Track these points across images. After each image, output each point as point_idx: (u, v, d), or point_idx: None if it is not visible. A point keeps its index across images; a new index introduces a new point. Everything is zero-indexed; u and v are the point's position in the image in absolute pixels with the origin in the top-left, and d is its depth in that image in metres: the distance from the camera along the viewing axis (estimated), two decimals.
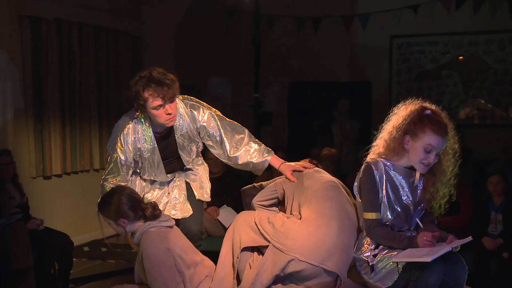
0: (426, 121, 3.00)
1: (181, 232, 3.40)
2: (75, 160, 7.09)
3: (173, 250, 3.17)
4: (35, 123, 6.53)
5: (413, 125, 3.02)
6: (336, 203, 3.18)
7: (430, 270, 2.75)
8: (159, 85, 3.38)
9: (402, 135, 3.05)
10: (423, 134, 2.99)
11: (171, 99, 3.44)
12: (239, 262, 3.20)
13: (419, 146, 3.00)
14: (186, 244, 3.33)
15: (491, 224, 5.00)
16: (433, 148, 2.98)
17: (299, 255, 3.01)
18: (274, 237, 3.10)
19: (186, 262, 3.20)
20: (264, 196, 3.48)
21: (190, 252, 3.30)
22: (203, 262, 3.33)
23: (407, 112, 3.08)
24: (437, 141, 2.97)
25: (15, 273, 4.81)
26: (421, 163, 3.02)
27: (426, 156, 3.00)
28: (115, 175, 3.66)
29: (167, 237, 3.20)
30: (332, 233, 3.06)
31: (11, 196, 5.35)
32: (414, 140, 3.01)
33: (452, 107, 7.89)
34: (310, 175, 3.35)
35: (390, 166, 3.10)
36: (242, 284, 3.11)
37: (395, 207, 3.07)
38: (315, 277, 3.04)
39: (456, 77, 8.27)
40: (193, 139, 3.70)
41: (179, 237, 3.31)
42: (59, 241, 5.40)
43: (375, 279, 3.00)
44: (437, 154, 3.01)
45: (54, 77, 6.70)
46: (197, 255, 3.35)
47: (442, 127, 2.99)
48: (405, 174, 3.10)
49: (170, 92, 3.40)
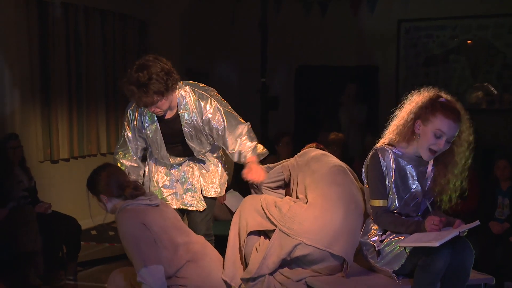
0: (438, 106, 2.98)
1: (168, 213, 3.27)
2: (82, 145, 7.11)
3: (149, 227, 3.08)
4: (42, 107, 6.54)
5: (424, 109, 3.01)
6: (342, 187, 3.18)
7: (437, 254, 2.75)
8: (139, 93, 3.27)
9: (413, 120, 3.04)
10: (433, 118, 2.97)
11: (152, 103, 3.33)
12: (245, 246, 3.21)
13: (429, 131, 2.98)
14: (168, 224, 3.19)
15: (498, 208, 5.00)
16: (443, 133, 2.95)
17: (306, 239, 3.01)
18: (281, 221, 3.10)
19: (163, 242, 3.09)
20: (271, 178, 3.48)
21: (172, 233, 3.16)
22: (187, 245, 3.19)
23: (421, 98, 3.07)
24: (448, 125, 2.95)
25: (24, 256, 4.85)
26: (429, 149, 3.00)
27: (436, 141, 2.97)
28: (124, 149, 3.70)
29: (144, 214, 3.13)
30: (338, 218, 3.06)
31: (19, 180, 5.37)
32: (425, 124, 2.99)
33: (460, 92, 7.84)
34: (317, 158, 3.34)
35: (400, 155, 3.08)
36: (248, 267, 3.12)
37: (403, 196, 3.07)
38: (321, 261, 3.05)
39: (464, 61, 8.21)
40: (199, 129, 3.56)
41: (161, 217, 3.19)
42: (67, 225, 5.43)
43: (382, 263, 3.00)
44: (448, 142, 2.99)
45: (61, 61, 6.70)
46: (182, 237, 3.20)
47: (455, 113, 2.97)
48: (415, 163, 3.09)
49: (149, 99, 3.28)
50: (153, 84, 3.24)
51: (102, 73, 7.38)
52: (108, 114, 7.50)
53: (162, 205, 3.33)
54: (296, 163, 3.40)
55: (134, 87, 3.26)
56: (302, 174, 3.29)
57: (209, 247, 3.35)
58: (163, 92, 3.29)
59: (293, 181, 3.36)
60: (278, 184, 3.50)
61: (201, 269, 3.17)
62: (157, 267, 3.00)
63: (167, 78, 3.30)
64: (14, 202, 5.17)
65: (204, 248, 3.28)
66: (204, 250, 3.26)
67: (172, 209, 3.44)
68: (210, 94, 3.58)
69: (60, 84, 6.73)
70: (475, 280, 3.01)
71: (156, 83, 3.25)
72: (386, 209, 3.06)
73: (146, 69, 3.26)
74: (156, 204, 3.23)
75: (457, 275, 2.87)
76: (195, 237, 3.34)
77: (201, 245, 3.28)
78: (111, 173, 3.27)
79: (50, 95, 6.60)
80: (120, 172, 3.37)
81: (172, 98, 3.45)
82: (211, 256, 3.28)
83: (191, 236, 3.30)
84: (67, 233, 5.40)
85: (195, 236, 3.35)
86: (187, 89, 3.55)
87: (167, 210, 3.32)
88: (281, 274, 3.10)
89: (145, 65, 3.29)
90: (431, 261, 2.76)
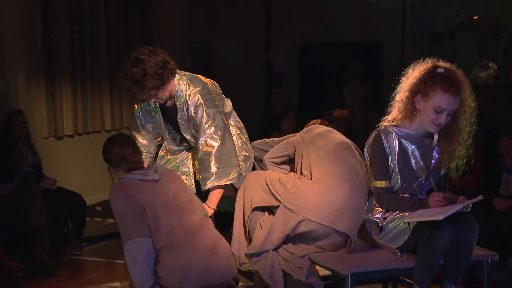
0: (437, 80, 2.96)
1: (166, 190, 3.18)
2: (86, 121, 7.12)
3: (136, 201, 3.07)
4: (46, 84, 6.54)
5: (424, 84, 2.98)
6: (347, 164, 3.18)
7: (440, 230, 2.76)
8: (134, 89, 3.29)
9: (413, 95, 3.02)
10: (433, 93, 2.95)
11: (149, 98, 3.35)
12: (249, 221, 3.22)
13: (429, 107, 2.97)
14: (158, 201, 3.11)
15: (502, 185, 5.00)
16: (443, 109, 2.94)
17: (310, 216, 3.02)
18: (285, 198, 3.11)
19: (147, 218, 3.07)
20: (276, 153, 3.47)
21: (158, 211, 3.09)
22: (170, 229, 3.09)
23: (419, 71, 3.04)
24: (448, 101, 2.93)
25: (30, 231, 4.88)
26: (432, 123, 3.00)
27: (437, 117, 2.97)
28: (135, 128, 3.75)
29: (132, 188, 3.11)
30: (343, 194, 3.06)
31: (24, 156, 5.39)
32: (425, 100, 2.98)
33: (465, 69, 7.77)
34: (322, 135, 3.34)
35: (403, 135, 3.07)
36: (252, 243, 3.13)
37: (406, 177, 3.07)
38: (325, 237, 3.06)
39: (469, 38, 8.14)
40: (191, 123, 3.51)
41: (153, 193, 3.13)
42: (72, 201, 5.46)
43: (385, 239, 3.01)
44: (449, 115, 2.98)
45: (64, 37, 6.68)
46: (170, 217, 3.11)
47: (454, 85, 2.95)
48: (418, 143, 3.08)
49: (145, 94, 3.30)
50: (148, 81, 3.25)
51: (105, 50, 7.36)
52: (112, 91, 7.49)
53: (166, 180, 3.25)
54: (301, 139, 3.39)
55: (130, 83, 3.29)
56: (306, 150, 3.29)
57: (198, 234, 3.17)
58: (158, 86, 3.30)
59: (298, 157, 3.36)
60: (282, 160, 3.49)
61: (175, 260, 3.07)
62: (144, 239, 3.02)
63: (162, 72, 3.29)
64: (19, 178, 5.19)
65: (188, 235, 3.13)
66: (188, 237, 3.11)
67: (178, 186, 3.29)
68: (204, 99, 3.45)
69: (64, 60, 6.72)
70: (478, 256, 3.03)
71: (151, 79, 3.25)
72: (389, 190, 3.07)
73: (140, 63, 3.28)
74: (153, 179, 3.18)
75: (460, 251, 2.88)
76: (190, 220, 3.19)
77: (185, 232, 3.13)
78: (116, 145, 3.28)
79: (54, 72, 6.59)
80: (126, 144, 3.31)
81: (171, 87, 3.44)
82: (196, 244, 3.12)
83: (183, 218, 3.16)
84: (72, 209, 5.43)
85: (191, 219, 3.19)
86: (185, 81, 3.50)
87: (167, 186, 3.22)
88: (285, 250, 3.11)
89: (139, 60, 3.30)
90: (435, 237, 2.77)
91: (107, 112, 7.44)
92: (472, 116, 3.04)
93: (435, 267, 2.85)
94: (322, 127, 3.45)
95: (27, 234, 4.87)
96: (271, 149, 3.50)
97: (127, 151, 3.27)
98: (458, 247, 2.87)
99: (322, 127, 3.45)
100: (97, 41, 7.19)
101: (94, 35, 7.13)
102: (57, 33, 6.57)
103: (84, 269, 5.12)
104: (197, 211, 3.27)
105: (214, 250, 3.15)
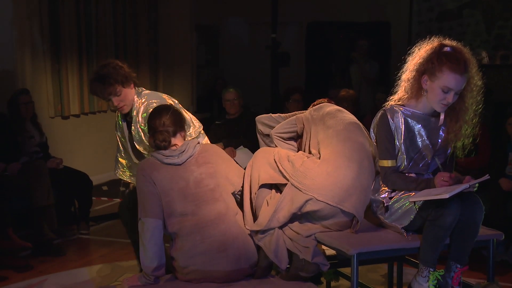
0: (444, 59, 2.93)
1: (187, 176, 3.10)
2: (92, 101, 7.13)
3: (153, 183, 3.04)
4: (52, 63, 6.54)
5: (430, 64, 2.95)
6: (357, 144, 3.16)
7: (447, 209, 2.76)
8: (97, 84, 3.57)
9: (420, 75, 3.00)
10: (440, 73, 2.93)
11: (108, 96, 3.57)
12: (256, 198, 3.21)
13: (436, 87, 2.95)
14: (175, 187, 3.05)
15: (508, 165, 4.98)
16: (451, 89, 2.92)
17: (317, 195, 3.01)
18: (293, 176, 3.10)
19: (162, 202, 3.04)
20: (284, 128, 3.44)
21: (173, 197, 3.03)
22: (183, 217, 3.02)
23: (425, 50, 3.02)
24: (455, 80, 2.91)
25: (37, 210, 4.91)
26: (440, 103, 2.98)
27: (444, 96, 2.95)
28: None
29: (153, 169, 3.07)
30: (351, 174, 3.05)
31: (31, 135, 5.41)
32: (432, 80, 2.96)
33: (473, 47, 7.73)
34: (332, 114, 3.31)
35: (409, 114, 3.06)
36: (259, 220, 3.12)
37: (412, 156, 3.05)
38: (331, 217, 3.06)
39: (478, 15, 8.06)
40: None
41: (172, 177, 3.06)
42: (79, 180, 5.49)
43: (391, 219, 3.01)
44: (456, 94, 2.96)
45: (71, 17, 6.66)
46: (185, 205, 3.04)
47: (461, 64, 2.92)
48: (424, 122, 3.06)
49: (107, 90, 3.54)
50: (110, 76, 3.52)
51: (112, 29, 7.34)
52: None
53: (194, 163, 3.13)
54: (310, 116, 3.36)
55: (93, 78, 3.60)
56: (315, 128, 3.27)
57: (208, 229, 3.03)
58: (115, 85, 3.54)
59: (306, 134, 3.34)
60: (290, 136, 3.46)
61: (182, 247, 3.02)
62: (152, 220, 2.99)
63: (121, 73, 3.57)
64: (27, 157, 5.21)
65: (197, 228, 3.01)
66: (196, 229, 3.01)
67: (204, 172, 3.14)
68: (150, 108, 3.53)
69: (70, 40, 6.71)
70: (484, 235, 3.02)
71: (114, 74, 3.53)
72: (395, 169, 3.06)
73: (106, 66, 3.59)
74: (174, 163, 3.10)
75: (466, 231, 2.87)
76: (205, 211, 3.06)
77: (195, 224, 3.02)
78: (155, 116, 3.20)
79: (60, 51, 6.59)
80: (159, 117, 3.18)
81: (128, 96, 3.62)
82: (204, 238, 3.01)
83: (199, 208, 3.06)
84: (79, 188, 5.46)
85: (207, 210, 3.06)
86: (142, 95, 3.67)
87: (191, 170, 3.11)
88: (290, 229, 3.12)
89: (105, 64, 3.63)
90: (441, 216, 2.77)
91: None
92: (478, 94, 3.01)
93: (441, 246, 2.85)
94: (332, 105, 3.42)
95: (35, 212, 4.91)
96: (279, 124, 3.47)
97: (158, 125, 3.16)
98: (464, 227, 2.86)
99: (332, 105, 3.42)
100: (103, 20, 7.17)
101: (100, 14, 7.11)
102: (64, 12, 6.55)
103: (91, 248, 5.16)
104: (218, 202, 3.12)
105: (223, 247, 3.02)
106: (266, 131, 3.54)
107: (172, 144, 3.16)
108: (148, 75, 8.09)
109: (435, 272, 2.85)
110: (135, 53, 7.81)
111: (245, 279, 3.06)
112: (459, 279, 2.90)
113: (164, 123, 3.16)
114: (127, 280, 3.08)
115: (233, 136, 5.66)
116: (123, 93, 3.57)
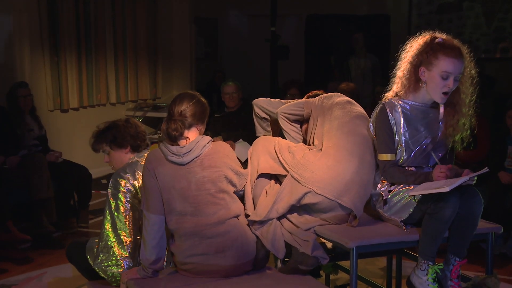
0: (438, 47, 2.95)
1: (191, 177, 2.99)
2: (91, 94, 7.12)
3: (156, 178, 2.97)
4: (51, 56, 6.52)
5: (425, 55, 2.97)
6: (361, 138, 3.15)
7: (446, 202, 2.76)
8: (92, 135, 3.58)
9: (416, 68, 3.00)
10: (436, 60, 2.93)
11: (95, 151, 3.58)
12: (255, 186, 3.20)
13: (435, 74, 2.95)
14: (177, 186, 2.96)
15: (507, 158, 4.98)
16: (450, 73, 2.93)
17: (316, 188, 3.01)
18: (293, 168, 3.09)
19: (162, 198, 2.99)
20: (291, 110, 3.42)
21: (173, 195, 2.96)
22: (182, 216, 2.96)
23: (417, 45, 3.02)
24: (453, 64, 2.92)
25: (37, 203, 4.92)
26: (441, 93, 2.98)
27: (445, 83, 2.95)
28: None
29: (158, 165, 2.98)
30: (351, 169, 3.05)
31: (30, 128, 5.41)
32: (429, 69, 2.96)
33: (473, 39, 7.71)
34: (341, 105, 3.29)
35: (408, 107, 3.06)
36: (257, 210, 3.11)
37: (412, 149, 3.05)
38: (330, 210, 3.06)
39: (478, 8, 8.04)
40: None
41: (174, 176, 2.97)
42: (78, 173, 5.49)
43: (390, 212, 3.02)
44: (456, 80, 2.96)
45: (69, 10, 6.65)
46: (185, 206, 2.97)
47: (455, 49, 2.94)
48: (424, 115, 3.06)
49: (93, 145, 3.55)
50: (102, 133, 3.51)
51: (111, 22, 7.32)
52: (117, 64, 7.47)
53: (199, 165, 3.00)
54: (320, 104, 3.34)
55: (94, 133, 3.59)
56: (322, 118, 3.26)
57: (207, 232, 2.96)
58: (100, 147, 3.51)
59: (313, 122, 3.32)
60: (296, 118, 3.44)
61: (181, 244, 2.99)
62: (152, 215, 2.96)
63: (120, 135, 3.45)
64: (26, 150, 5.21)
65: (196, 229, 2.96)
66: (195, 230, 2.96)
67: (207, 175, 3.01)
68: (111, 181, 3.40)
69: (69, 33, 6.69)
70: (483, 229, 3.03)
71: (106, 133, 3.48)
72: (394, 163, 3.06)
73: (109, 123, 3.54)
74: (178, 163, 2.98)
75: (465, 224, 2.88)
76: (205, 214, 2.98)
77: (195, 225, 2.96)
78: (175, 102, 3.08)
79: (59, 44, 6.58)
80: (184, 108, 3.03)
81: (119, 158, 3.47)
82: (203, 239, 2.96)
83: (199, 210, 2.98)
84: (78, 181, 5.46)
85: (207, 214, 2.99)
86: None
87: (194, 171, 2.99)
88: (289, 221, 3.12)
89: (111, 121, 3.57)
90: (440, 209, 2.77)
91: (112, 85, 7.43)
92: (472, 85, 3.02)
93: (440, 239, 2.86)
94: (343, 96, 3.40)
95: (34, 205, 4.91)
96: (286, 105, 3.45)
97: (175, 113, 3.02)
98: (463, 220, 2.86)
99: (343, 96, 3.40)
100: (102, 13, 7.16)
101: (99, 7, 7.09)
102: (62, 5, 6.54)
103: None
104: (218, 206, 3.01)
105: (221, 249, 2.96)
106: (262, 114, 3.53)
107: (184, 136, 3.01)
108: (147, 67, 8.08)
109: (434, 265, 2.86)
110: (134, 45, 7.79)
111: (244, 274, 3.06)
112: (458, 272, 2.91)
113: (181, 112, 3.01)
114: (126, 274, 3.08)
115: (232, 129, 5.66)
116: (111, 154, 3.47)
